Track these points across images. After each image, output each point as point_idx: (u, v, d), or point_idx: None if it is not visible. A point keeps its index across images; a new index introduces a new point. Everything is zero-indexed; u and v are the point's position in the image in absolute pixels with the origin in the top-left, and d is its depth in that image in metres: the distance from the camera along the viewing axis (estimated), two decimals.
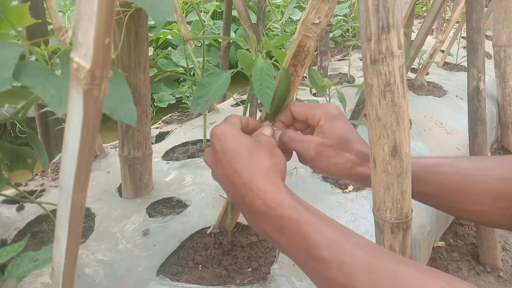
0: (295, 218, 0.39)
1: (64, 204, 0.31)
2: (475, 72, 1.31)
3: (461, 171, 0.49)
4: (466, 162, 0.51)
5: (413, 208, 0.49)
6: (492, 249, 1.30)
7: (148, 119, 0.85)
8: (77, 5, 0.24)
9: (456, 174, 0.49)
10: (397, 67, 0.43)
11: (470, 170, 0.49)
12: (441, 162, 0.51)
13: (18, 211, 0.86)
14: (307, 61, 0.51)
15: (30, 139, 0.61)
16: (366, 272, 0.35)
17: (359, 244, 0.38)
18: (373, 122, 0.45)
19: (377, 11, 0.41)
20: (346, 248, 0.37)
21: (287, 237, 0.39)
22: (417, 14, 3.89)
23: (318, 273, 0.38)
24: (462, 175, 0.49)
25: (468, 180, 0.48)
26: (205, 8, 2.87)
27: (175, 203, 0.92)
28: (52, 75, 0.42)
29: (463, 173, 0.49)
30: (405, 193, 0.47)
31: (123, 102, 0.46)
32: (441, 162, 0.51)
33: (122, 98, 0.46)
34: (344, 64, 2.13)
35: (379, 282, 0.34)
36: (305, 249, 0.38)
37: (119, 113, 0.44)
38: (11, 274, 0.47)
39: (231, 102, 1.65)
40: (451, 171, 0.50)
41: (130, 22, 0.71)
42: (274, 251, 0.76)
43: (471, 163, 0.51)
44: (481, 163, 0.51)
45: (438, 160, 0.52)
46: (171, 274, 0.70)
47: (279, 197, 0.40)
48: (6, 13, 0.49)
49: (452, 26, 1.93)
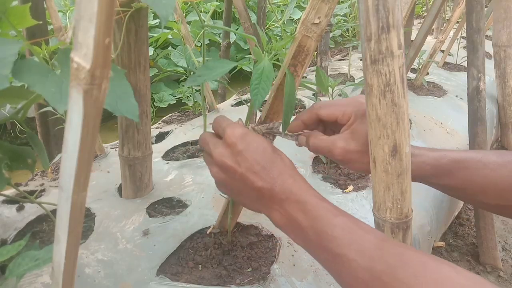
0: (315, 203, 0.44)
1: (64, 204, 0.31)
2: (475, 72, 1.31)
3: (489, 166, 0.49)
4: (495, 157, 0.51)
5: (413, 208, 0.49)
6: (492, 249, 1.30)
7: (148, 119, 0.85)
8: (77, 5, 0.24)
9: (484, 169, 0.49)
10: (397, 67, 0.43)
11: (498, 164, 0.49)
12: (471, 157, 0.51)
13: (18, 211, 0.86)
14: (307, 61, 0.51)
15: (30, 139, 0.61)
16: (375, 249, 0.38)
17: (369, 229, 0.42)
18: (373, 122, 0.45)
19: (377, 11, 0.41)
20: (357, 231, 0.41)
21: (307, 218, 0.43)
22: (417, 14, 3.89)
23: (330, 250, 0.41)
24: (490, 170, 0.49)
25: (495, 174, 0.49)
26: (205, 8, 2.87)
27: (175, 203, 0.92)
28: (52, 73, 0.42)
29: (491, 168, 0.49)
30: (405, 193, 0.47)
31: (124, 98, 0.45)
32: (470, 157, 0.51)
33: (123, 94, 0.46)
34: (344, 64, 2.13)
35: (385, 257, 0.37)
36: (320, 228, 0.42)
37: (121, 109, 0.44)
38: (12, 273, 0.48)
39: (231, 102, 1.65)
40: (480, 166, 0.50)
41: (130, 22, 0.72)
42: (274, 251, 0.76)
43: (500, 158, 0.50)
44: (509, 157, 0.50)
45: (468, 154, 0.52)
46: (171, 274, 0.70)
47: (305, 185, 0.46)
48: (6, 14, 0.49)
49: (452, 26, 1.93)
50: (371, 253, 0.38)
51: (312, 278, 0.72)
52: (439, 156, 0.51)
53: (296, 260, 0.74)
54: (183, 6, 1.37)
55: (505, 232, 1.53)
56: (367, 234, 0.40)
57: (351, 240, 0.40)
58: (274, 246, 0.77)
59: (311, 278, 0.72)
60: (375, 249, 0.38)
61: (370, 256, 0.38)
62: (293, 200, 0.44)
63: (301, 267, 0.73)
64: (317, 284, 0.71)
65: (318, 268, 0.74)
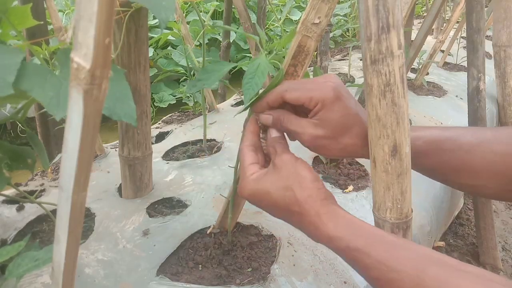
0: (343, 249, 0.43)
1: (64, 204, 0.31)
2: (475, 72, 1.31)
3: (463, 147, 0.49)
4: (470, 136, 0.50)
5: (413, 208, 0.49)
6: (492, 249, 1.30)
7: (148, 119, 0.85)
8: (77, 5, 0.24)
9: (459, 151, 0.49)
10: (397, 67, 0.43)
11: (473, 145, 0.48)
12: (448, 137, 0.50)
13: (18, 211, 0.86)
14: (307, 61, 0.51)
15: (30, 139, 0.61)
16: (414, 286, 0.37)
17: (405, 259, 0.40)
18: (373, 122, 0.45)
19: (377, 11, 0.41)
20: (392, 266, 0.39)
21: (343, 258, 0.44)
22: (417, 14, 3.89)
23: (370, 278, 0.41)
24: (464, 151, 0.48)
25: (469, 156, 0.48)
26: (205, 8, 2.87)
27: (175, 203, 0.92)
28: (51, 74, 0.42)
29: (465, 149, 0.48)
30: (405, 193, 0.47)
31: (122, 100, 0.45)
32: (447, 137, 0.50)
33: (121, 97, 0.45)
34: (344, 64, 2.13)
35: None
36: (359, 270, 0.42)
37: (119, 113, 0.44)
38: (12, 273, 0.48)
39: (231, 102, 1.65)
40: (454, 148, 0.49)
41: (130, 22, 0.72)
42: (274, 251, 0.76)
43: (474, 137, 0.49)
44: (484, 137, 0.49)
45: (445, 134, 0.51)
46: (171, 274, 0.70)
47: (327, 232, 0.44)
48: (7, 14, 0.49)
49: (452, 26, 1.93)
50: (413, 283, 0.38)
51: (312, 278, 0.72)
52: (414, 138, 0.50)
53: (296, 260, 0.75)
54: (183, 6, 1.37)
55: (505, 232, 1.53)
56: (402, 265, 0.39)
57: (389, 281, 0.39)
58: (274, 246, 0.77)
59: (311, 278, 0.72)
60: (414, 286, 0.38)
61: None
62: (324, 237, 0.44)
63: (301, 267, 0.73)
64: (317, 284, 0.71)
65: (318, 268, 0.74)
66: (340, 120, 0.47)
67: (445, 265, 0.38)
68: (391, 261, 0.40)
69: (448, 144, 0.49)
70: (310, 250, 0.77)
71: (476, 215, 1.34)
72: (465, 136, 0.50)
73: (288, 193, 0.45)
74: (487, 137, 0.49)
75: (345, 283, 0.73)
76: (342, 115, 0.47)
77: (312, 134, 0.48)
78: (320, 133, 0.48)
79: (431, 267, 0.38)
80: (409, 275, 0.38)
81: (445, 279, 0.36)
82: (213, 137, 1.27)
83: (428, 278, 0.37)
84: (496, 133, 0.49)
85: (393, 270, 0.39)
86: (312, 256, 0.76)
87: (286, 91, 0.48)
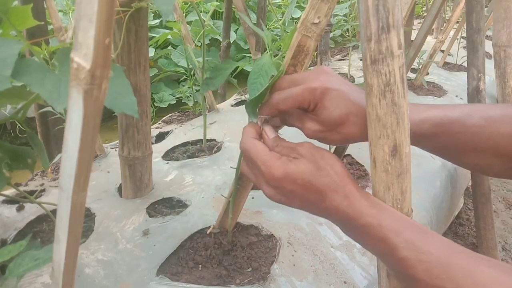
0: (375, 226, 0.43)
1: (64, 204, 0.31)
2: (475, 72, 1.31)
3: (470, 130, 0.48)
4: (478, 117, 0.49)
5: (413, 208, 0.49)
6: (492, 249, 1.30)
7: (148, 119, 0.85)
8: (77, 5, 0.24)
9: (465, 134, 0.49)
10: (397, 67, 0.43)
11: (480, 127, 0.48)
12: (453, 120, 0.49)
13: (18, 211, 0.86)
14: (307, 61, 0.51)
15: (30, 139, 0.61)
16: (442, 267, 0.38)
17: (432, 242, 0.41)
18: (373, 122, 0.45)
19: (377, 11, 0.41)
20: (421, 247, 0.40)
21: (371, 241, 0.44)
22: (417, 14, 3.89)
23: (400, 270, 0.41)
24: (471, 134, 0.48)
25: (476, 138, 0.48)
26: (205, 8, 2.87)
27: (175, 203, 0.92)
28: (50, 72, 0.42)
29: (472, 132, 0.48)
30: (405, 193, 0.47)
31: (123, 94, 0.45)
32: (453, 120, 0.49)
33: (122, 91, 0.46)
34: (344, 64, 2.13)
35: (453, 276, 0.38)
36: (385, 250, 0.42)
37: (120, 105, 0.44)
38: (12, 273, 0.48)
39: (231, 102, 1.65)
40: (461, 131, 0.49)
41: (130, 22, 0.72)
42: (274, 251, 0.76)
43: (483, 119, 0.49)
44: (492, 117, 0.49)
45: (450, 116, 0.50)
46: (171, 274, 0.70)
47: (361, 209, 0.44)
48: (8, 14, 0.49)
49: (452, 26, 1.93)
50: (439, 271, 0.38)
51: (312, 278, 0.72)
52: (421, 121, 0.50)
53: (296, 260, 0.75)
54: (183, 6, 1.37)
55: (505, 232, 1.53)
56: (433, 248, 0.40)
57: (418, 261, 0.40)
58: (274, 246, 0.77)
59: (311, 278, 0.72)
60: (442, 268, 0.39)
61: (437, 274, 0.38)
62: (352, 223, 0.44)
63: (301, 267, 0.73)
64: (317, 284, 0.71)
65: (318, 268, 0.74)
66: (334, 114, 0.49)
67: (470, 253, 0.40)
68: (420, 243, 0.41)
69: (455, 127, 0.49)
70: (310, 250, 0.77)
71: (476, 215, 1.34)
72: (473, 116, 0.49)
73: (323, 172, 0.46)
74: (495, 117, 0.48)
75: (345, 283, 0.73)
76: (335, 109, 0.48)
77: (311, 129, 0.50)
78: (318, 128, 0.50)
79: (457, 254, 0.40)
80: (438, 257, 0.39)
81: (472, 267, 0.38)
82: (213, 137, 1.27)
83: (454, 263, 0.38)
84: (506, 111, 0.49)
85: (422, 252, 0.40)
86: (312, 256, 0.76)
87: (278, 103, 0.50)
